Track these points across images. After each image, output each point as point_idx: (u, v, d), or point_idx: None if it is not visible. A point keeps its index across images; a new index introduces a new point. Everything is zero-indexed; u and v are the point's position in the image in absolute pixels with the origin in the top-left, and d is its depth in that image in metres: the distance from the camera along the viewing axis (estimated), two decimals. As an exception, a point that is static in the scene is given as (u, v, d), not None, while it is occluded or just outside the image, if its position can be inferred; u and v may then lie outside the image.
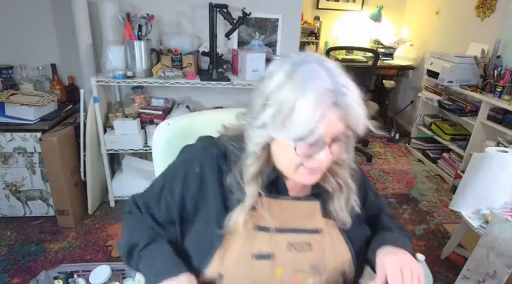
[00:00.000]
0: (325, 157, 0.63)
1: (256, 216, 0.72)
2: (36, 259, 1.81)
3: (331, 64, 0.63)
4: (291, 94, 0.60)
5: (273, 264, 0.70)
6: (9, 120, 1.90)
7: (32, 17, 2.17)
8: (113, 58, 1.99)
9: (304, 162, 0.65)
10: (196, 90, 2.34)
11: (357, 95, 0.62)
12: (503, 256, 1.37)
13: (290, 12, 2.35)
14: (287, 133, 0.61)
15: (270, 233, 0.72)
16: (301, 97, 0.59)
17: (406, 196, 2.62)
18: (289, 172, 0.69)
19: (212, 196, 0.72)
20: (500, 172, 1.57)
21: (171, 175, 0.77)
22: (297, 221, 0.75)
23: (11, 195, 2.03)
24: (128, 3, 2.14)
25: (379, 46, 3.99)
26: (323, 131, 0.59)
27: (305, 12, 3.76)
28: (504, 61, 2.55)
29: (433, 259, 1.95)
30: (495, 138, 2.44)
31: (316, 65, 0.62)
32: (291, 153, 0.64)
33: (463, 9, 3.08)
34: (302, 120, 0.59)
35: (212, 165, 0.73)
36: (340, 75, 0.62)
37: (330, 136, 0.62)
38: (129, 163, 2.30)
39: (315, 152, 0.63)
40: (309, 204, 0.76)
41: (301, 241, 0.73)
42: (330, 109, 0.59)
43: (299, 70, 0.61)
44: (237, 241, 0.70)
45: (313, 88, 0.59)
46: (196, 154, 0.76)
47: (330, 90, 0.59)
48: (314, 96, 0.58)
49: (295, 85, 0.60)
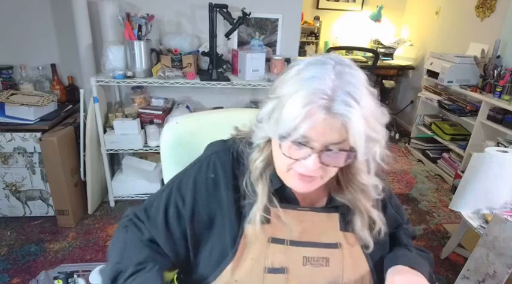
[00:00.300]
0: (312, 164, 0.58)
1: (271, 228, 0.68)
2: (36, 259, 1.81)
3: (353, 72, 0.58)
4: (289, 90, 0.58)
5: (287, 279, 0.66)
6: (9, 120, 1.90)
7: (32, 17, 2.17)
8: (112, 58, 1.99)
9: (293, 166, 0.62)
10: (196, 90, 2.34)
11: (367, 114, 0.56)
12: (503, 256, 1.37)
13: (290, 12, 2.35)
14: (275, 129, 0.59)
15: (285, 246, 0.68)
16: (295, 93, 0.56)
17: (406, 196, 2.62)
18: (282, 175, 0.66)
19: (226, 203, 0.69)
20: (500, 172, 1.57)
21: (181, 182, 0.72)
22: (315, 234, 0.70)
23: (11, 195, 2.03)
24: (128, 3, 2.14)
25: (379, 46, 4.00)
26: (306, 131, 0.55)
27: (305, 12, 3.76)
28: (504, 61, 2.55)
29: (433, 259, 1.95)
30: (495, 138, 2.44)
31: (332, 67, 0.57)
32: (280, 155, 0.62)
33: (463, 9, 3.08)
34: (288, 115, 0.56)
35: (226, 171, 0.70)
36: (354, 86, 0.56)
37: (321, 143, 0.57)
38: (129, 163, 2.30)
39: (302, 156, 0.59)
40: (328, 216, 0.72)
41: (318, 255, 0.69)
42: (319, 112, 0.54)
43: (310, 68, 0.58)
44: (250, 253, 0.67)
45: (309, 86, 0.55)
46: (209, 160, 0.72)
47: (326, 93, 0.54)
48: (306, 93, 0.55)
49: (297, 80, 0.58)
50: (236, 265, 0.67)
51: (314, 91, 0.55)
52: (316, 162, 0.58)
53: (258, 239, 0.67)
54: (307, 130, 0.55)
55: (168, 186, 0.74)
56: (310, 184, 0.63)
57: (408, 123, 3.91)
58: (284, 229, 0.69)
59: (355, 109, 0.54)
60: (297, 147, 0.58)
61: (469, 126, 2.77)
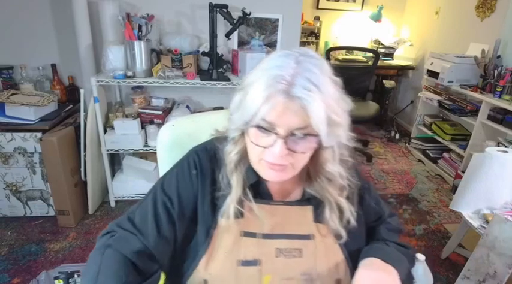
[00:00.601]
0: (279, 149, 0.59)
1: (244, 222, 0.70)
2: (36, 259, 1.81)
3: (315, 61, 0.60)
4: (253, 78, 0.61)
5: (260, 271, 0.68)
6: (10, 120, 1.90)
7: (32, 17, 2.17)
8: (113, 58, 1.99)
9: (263, 155, 0.63)
10: (196, 90, 2.34)
11: (328, 99, 0.58)
12: (504, 256, 1.37)
13: (290, 12, 2.35)
14: (240, 117, 0.62)
15: (257, 239, 0.70)
16: (257, 80, 0.59)
17: (406, 196, 2.62)
18: (255, 166, 0.67)
19: (203, 196, 0.71)
20: (501, 172, 1.57)
21: (164, 184, 0.73)
22: (288, 227, 0.72)
23: (11, 195, 2.03)
24: (127, 3, 2.14)
25: (379, 46, 3.99)
26: (267, 114, 0.57)
27: (305, 12, 3.76)
28: (504, 61, 2.55)
29: (434, 259, 1.95)
30: (495, 138, 2.44)
31: (294, 57, 0.60)
32: (251, 145, 0.64)
33: (463, 9, 3.08)
34: (250, 101, 0.59)
35: (205, 166, 0.72)
36: (314, 73, 0.58)
37: (285, 129, 0.59)
38: (129, 163, 2.30)
39: (269, 143, 0.61)
40: (301, 209, 0.74)
41: (291, 247, 0.70)
42: (278, 95, 0.57)
43: (274, 58, 0.61)
44: (223, 247, 0.69)
45: (270, 73, 0.58)
46: (190, 159, 0.74)
47: (285, 79, 0.57)
48: (267, 79, 0.58)
49: (260, 70, 0.61)
50: (209, 258, 0.68)
51: (274, 77, 0.58)
52: (283, 148, 0.60)
53: (231, 232, 0.69)
54: (267, 114, 0.58)
55: (151, 192, 0.73)
56: (282, 173, 0.64)
57: (408, 123, 3.91)
58: (257, 223, 0.70)
59: (314, 93, 0.57)
60: (263, 133, 0.61)
61: (470, 126, 2.77)
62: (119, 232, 0.69)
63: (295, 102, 0.57)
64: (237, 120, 0.64)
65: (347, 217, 0.72)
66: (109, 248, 0.66)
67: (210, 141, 0.76)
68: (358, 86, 3.27)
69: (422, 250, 2.00)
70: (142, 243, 0.67)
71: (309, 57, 0.61)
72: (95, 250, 0.68)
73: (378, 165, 3.11)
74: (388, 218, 0.86)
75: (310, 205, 0.73)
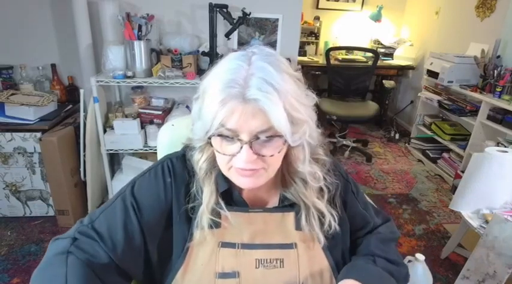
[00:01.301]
0: (246, 155, 0.57)
1: (221, 232, 0.67)
2: (36, 259, 1.81)
3: (270, 59, 0.58)
4: (206, 85, 0.59)
5: (239, 283, 0.65)
6: (9, 120, 1.90)
7: (32, 17, 2.17)
8: (113, 58, 1.99)
9: (232, 163, 0.61)
10: (196, 90, 2.33)
11: (286, 96, 0.56)
12: (503, 256, 1.37)
13: (290, 12, 2.35)
14: (200, 126, 0.60)
15: (236, 250, 0.67)
16: (211, 88, 0.57)
17: (406, 196, 2.62)
18: (226, 174, 0.64)
19: (177, 207, 0.68)
20: (500, 172, 1.57)
21: (135, 191, 0.68)
22: (269, 235, 0.69)
23: (11, 195, 2.03)
24: (127, 3, 2.14)
25: (379, 46, 3.99)
26: (226, 121, 0.55)
27: (305, 12, 3.75)
28: (504, 61, 2.55)
29: (433, 259, 1.95)
30: (495, 138, 2.44)
31: (247, 57, 0.58)
32: (218, 154, 0.62)
33: (463, 9, 3.08)
34: (207, 109, 0.57)
35: (178, 174, 0.69)
36: (269, 72, 0.56)
37: (248, 134, 0.56)
38: (129, 163, 2.30)
39: (235, 150, 0.58)
40: (282, 216, 0.70)
41: (272, 257, 0.67)
42: (233, 100, 0.55)
43: (227, 61, 0.59)
44: (199, 258, 0.66)
45: (224, 78, 0.56)
46: (164, 165, 0.70)
47: (238, 82, 0.55)
48: (220, 85, 0.56)
49: (214, 75, 0.59)
50: (185, 270, 0.65)
51: (227, 82, 0.55)
52: (250, 153, 0.57)
53: (207, 244, 0.66)
54: (226, 121, 0.56)
55: (119, 196, 0.68)
56: (255, 179, 0.62)
57: (408, 123, 3.91)
58: (235, 232, 0.67)
59: (269, 94, 0.54)
60: (227, 142, 0.59)
61: (469, 126, 2.77)
62: (81, 240, 0.62)
63: (252, 104, 0.55)
64: (199, 131, 0.62)
65: (328, 221, 0.69)
66: (72, 255, 0.59)
67: (183, 150, 0.73)
68: (358, 86, 3.28)
69: (422, 250, 2.00)
70: (109, 255, 0.61)
71: (263, 56, 0.59)
72: (54, 254, 0.60)
73: (378, 165, 3.11)
74: (382, 225, 0.82)
75: (291, 211, 0.70)
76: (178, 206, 0.68)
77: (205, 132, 0.59)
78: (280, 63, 0.59)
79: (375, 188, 2.72)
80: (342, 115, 2.98)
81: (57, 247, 0.61)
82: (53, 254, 0.60)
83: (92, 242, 0.62)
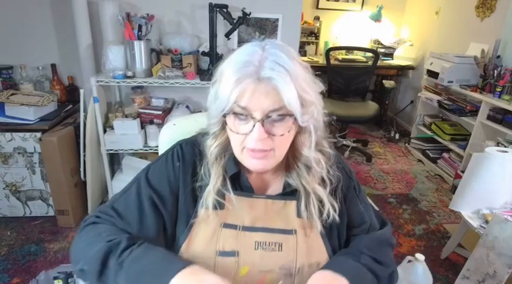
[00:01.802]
0: (257, 133, 0.61)
1: (224, 214, 0.71)
2: (36, 259, 1.81)
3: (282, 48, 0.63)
4: (222, 69, 0.64)
5: (238, 262, 0.69)
6: (9, 120, 1.90)
7: (32, 17, 2.17)
8: (113, 58, 1.99)
9: (245, 143, 0.65)
10: (196, 90, 2.34)
11: (297, 78, 0.61)
12: (503, 256, 1.37)
13: (290, 12, 2.35)
14: (216, 107, 0.64)
15: (237, 231, 0.71)
16: (227, 69, 0.62)
17: (406, 196, 2.62)
18: (239, 157, 0.69)
19: (185, 187, 0.73)
20: (500, 172, 1.57)
21: (149, 175, 0.74)
22: (270, 221, 0.73)
23: (11, 195, 2.03)
24: (127, 3, 2.14)
25: (379, 46, 3.99)
26: (240, 99, 0.60)
27: (305, 12, 3.75)
28: (504, 61, 2.55)
29: (433, 259, 1.95)
30: (495, 138, 2.44)
31: (261, 46, 0.63)
32: (232, 134, 0.66)
33: (463, 9, 3.08)
34: (223, 89, 0.62)
35: (187, 158, 0.75)
36: (281, 57, 0.61)
37: (260, 112, 0.61)
38: (129, 163, 2.30)
39: (248, 129, 0.63)
40: (283, 203, 0.74)
41: (271, 240, 0.71)
42: (248, 78, 0.59)
43: (243, 48, 0.65)
44: (202, 236, 0.70)
45: (239, 61, 0.61)
46: (174, 151, 0.76)
47: (253, 64, 0.60)
48: (236, 67, 0.61)
49: (230, 60, 0.64)
50: (188, 246, 0.70)
51: (243, 63, 0.61)
52: (261, 131, 0.61)
53: (210, 223, 0.70)
54: (240, 98, 0.60)
55: (135, 182, 0.75)
56: (265, 161, 0.66)
57: (408, 123, 3.91)
58: (237, 215, 0.72)
59: (282, 73, 0.59)
60: (240, 120, 0.63)
61: (469, 126, 2.77)
62: (103, 217, 0.71)
63: (265, 83, 0.59)
64: (214, 111, 0.66)
65: (327, 210, 0.72)
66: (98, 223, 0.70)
67: (195, 136, 0.79)
68: (358, 86, 3.28)
69: (422, 250, 2.00)
70: (126, 229, 0.69)
71: (275, 45, 0.64)
72: (83, 227, 0.70)
73: (378, 165, 3.11)
74: (380, 229, 0.82)
75: (293, 200, 0.74)
76: (185, 186, 0.73)
77: (220, 110, 0.63)
78: (291, 52, 0.64)
79: (375, 188, 2.72)
80: (342, 115, 2.98)
81: (85, 222, 0.71)
82: (81, 229, 0.70)
83: (111, 218, 0.71)
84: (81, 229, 0.70)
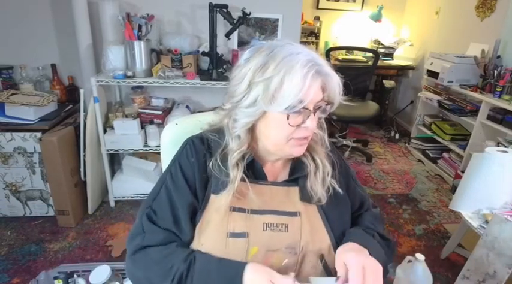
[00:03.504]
0: (312, 124, 0.70)
1: (233, 198, 0.76)
2: (36, 259, 1.81)
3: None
4: (278, 69, 0.66)
5: (248, 242, 0.73)
6: (9, 120, 1.90)
7: (32, 17, 2.17)
8: (113, 58, 1.99)
9: (293, 134, 0.71)
10: (196, 90, 2.34)
11: (329, 65, 0.70)
12: (503, 256, 1.37)
13: (290, 12, 2.35)
14: (278, 104, 0.67)
15: (246, 214, 0.75)
16: (289, 70, 0.65)
17: (406, 196, 2.62)
18: (279, 146, 0.74)
19: (200, 176, 0.78)
20: (500, 172, 1.57)
21: (172, 175, 0.79)
22: (276, 204, 0.78)
23: (11, 195, 2.03)
24: (127, 3, 2.14)
25: (379, 46, 3.99)
26: (310, 98, 0.67)
27: (305, 12, 3.76)
28: (504, 61, 2.55)
29: (433, 259, 1.95)
30: (495, 138, 2.44)
31: (290, 44, 0.70)
32: (282, 126, 0.70)
33: (463, 9, 3.08)
34: (292, 89, 0.65)
35: (198, 151, 0.80)
36: (312, 49, 0.70)
37: (312, 104, 0.69)
38: (129, 163, 2.30)
39: (302, 120, 0.70)
40: (288, 189, 0.80)
41: (278, 222, 0.76)
42: (314, 78, 0.66)
43: (278, 49, 0.69)
44: (213, 220, 0.75)
45: (297, 61, 0.66)
46: (187, 147, 0.81)
47: (311, 61, 0.66)
48: (300, 67, 0.65)
49: (280, 61, 0.67)
50: (200, 230, 0.75)
51: (304, 63, 0.66)
52: (315, 121, 0.71)
53: (221, 207, 0.75)
54: (310, 98, 0.67)
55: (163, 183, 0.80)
56: (303, 147, 0.76)
57: (408, 123, 3.91)
58: (245, 200, 0.76)
59: (327, 66, 0.69)
60: (296, 114, 0.69)
61: (469, 126, 2.77)
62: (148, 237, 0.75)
63: (323, 78, 0.68)
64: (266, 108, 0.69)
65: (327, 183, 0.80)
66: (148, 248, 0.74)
67: (203, 132, 0.85)
68: (358, 86, 3.27)
69: (421, 250, 2.00)
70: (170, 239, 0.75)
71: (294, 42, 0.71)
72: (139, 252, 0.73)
73: (378, 165, 3.11)
74: (372, 208, 0.93)
75: (296, 186, 0.80)
76: (199, 177, 0.78)
77: (284, 108, 0.67)
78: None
79: (375, 188, 2.72)
80: (342, 115, 2.98)
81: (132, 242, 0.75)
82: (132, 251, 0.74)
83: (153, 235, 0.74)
84: (132, 254, 0.73)
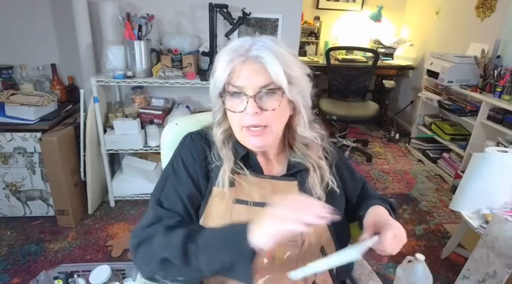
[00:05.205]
0: (251, 109, 0.69)
1: (235, 191, 0.78)
2: (36, 259, 1.81)
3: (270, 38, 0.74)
4: (218, 55, 0.73)
5: None
6: (9, 120, 1.90)
7: (32, 17, 2.17)
8: (113, 58, 1.99)
9: (242, 122, 0.73)
10: (196, 90, 2.34)
11: (283, 57, 0.70)
12: (504, 256, 1.37)
13: (290, 12, 2.35)
14: (214, 89, 0.74)
15: (249, 206, 0.77)
16: (218, 58, 0.73)
17: (406, 196, 2.62)
18: (239, 137, 0.77)
19: (201, 171, 0.80)
20: (500, 172, 1.57)
21: (175, 169, 0.81)
22: (277, 198, 0.77)
23: (11, 195, 2.03)
24: (127, 3, 2.14)
25: (379, 46, 3.99)
26: (231, 78, 0.70)
27: (305, 12, 3.75)
28: (504, 61, 2.55)
29: (433, 259, 1.95)
30: (495, 138, 2.44)
31: (251, 37, 0.74)
32: (231, 113, 0.74)
33: (463, 9, 3.08)
34: (219, 74, 0.71)
35: (197, 145, 0.83)
36: (268, 43, 0.71)
37: (252, 89, 0.70)
38: (129, 163, 2.30)
39: (243, 106, 0.71)
40: (287, 183, 0.82)
41: None
42: (237, 58, 0.69)
43: (238, 39, 0.74)
44: (216, 212, 0.77)
45: (226, 49, 0.72)
46: (187, 142, 0.84)
47: (243, 47, 0.70)
48: (228, 51, 0.71)
49: (223, 50, 0.73)
50: (204, 222, 0.77)
51: (234, 48, 0.71)
52: (254, 105, 0.70)
53: (224, 200, 0.77)
54: (232, 78, 0.70)
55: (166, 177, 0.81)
56: (263, 138, 0.74)
57: (408, 123, 3.91)
58: (247, 192, 0.78)
59: (267, 52, 0.69)
60: (236, 99, 0.72)
61: (469, 126, 2.77)
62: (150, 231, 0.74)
63: (253, 61, 0.69)
64: (214, 96, 0.76)
65: (326, 180, 0.82)
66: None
67: (200, 129, 0.88)
68: (358, 86, 3.27)
69: (422, 250, 2.00)
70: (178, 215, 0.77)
71: (264, 36, 0.74)
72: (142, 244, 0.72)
73: (378, 165, 3.11)
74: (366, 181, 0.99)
75: (295, 181, 0.82)
76: (201, 169, 0.80)
77: (218, 92, 0.73)
78: (278, 40, 0.75)
79: (375, 188, 2.72)
80: (342, 115, 2.98)
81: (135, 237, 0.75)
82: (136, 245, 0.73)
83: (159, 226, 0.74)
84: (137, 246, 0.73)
